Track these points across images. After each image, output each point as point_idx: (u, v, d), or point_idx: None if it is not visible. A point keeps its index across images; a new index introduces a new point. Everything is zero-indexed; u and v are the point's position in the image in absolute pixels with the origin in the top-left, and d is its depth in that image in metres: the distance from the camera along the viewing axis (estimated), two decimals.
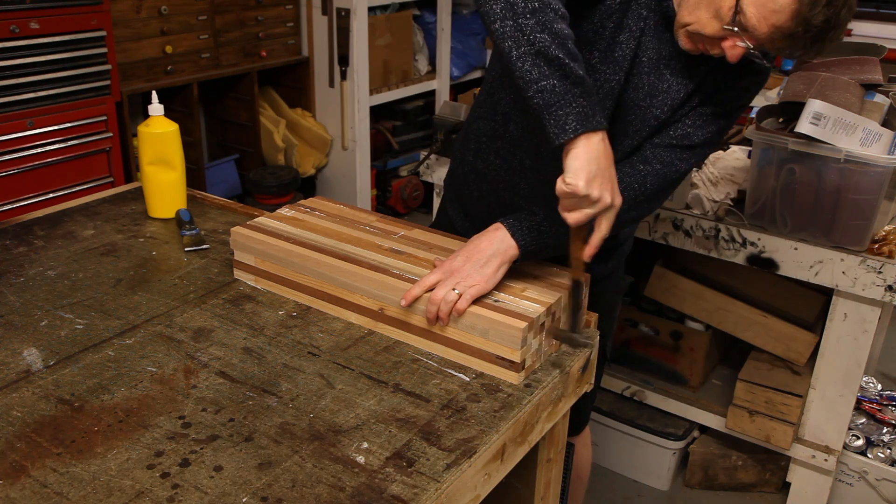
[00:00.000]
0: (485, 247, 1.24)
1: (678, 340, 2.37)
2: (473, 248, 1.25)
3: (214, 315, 1.33)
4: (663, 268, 2.33)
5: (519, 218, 1.27)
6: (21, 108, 2.53)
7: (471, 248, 1.25)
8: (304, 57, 3.79)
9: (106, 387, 1.13)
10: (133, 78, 3.03)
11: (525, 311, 1.18)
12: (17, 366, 1.18)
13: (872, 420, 2.37)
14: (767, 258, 2.02)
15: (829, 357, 2.06)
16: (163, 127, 1.68)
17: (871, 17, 4.04)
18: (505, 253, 1.23)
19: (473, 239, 1.27)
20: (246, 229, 1.43)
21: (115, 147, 2.82)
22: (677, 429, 2.45)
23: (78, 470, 0.97)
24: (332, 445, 1.03)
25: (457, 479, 0.99)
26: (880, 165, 1.78)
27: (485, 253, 1.23)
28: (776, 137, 1.89)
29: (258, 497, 0.93)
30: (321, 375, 1.17)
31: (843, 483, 2.29)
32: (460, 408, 1.11)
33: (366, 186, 3.93)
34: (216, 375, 1.17)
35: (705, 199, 2.10)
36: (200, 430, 1.05)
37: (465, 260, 1.23)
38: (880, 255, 1.90)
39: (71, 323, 1.30)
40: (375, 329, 1.30)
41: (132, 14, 2.97)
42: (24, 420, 1.06)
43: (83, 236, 1.62)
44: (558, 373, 1.21)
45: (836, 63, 1.99)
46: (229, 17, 3.38)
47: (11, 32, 2.44)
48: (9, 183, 2.54)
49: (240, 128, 3.72)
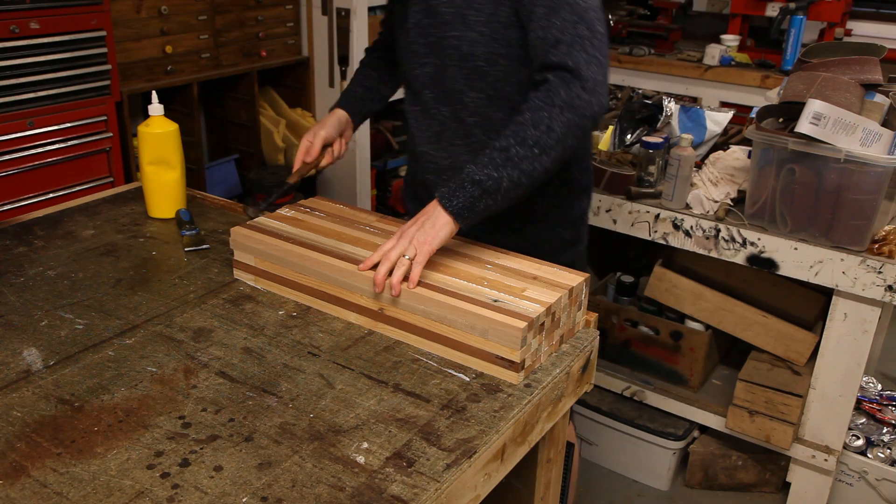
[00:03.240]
0: (429, 209, 1.31)
1: (678, 340, 2.37)
2: (424, 210, 1.32)
3: (214, 315, 1.33)
4: (663, 268, 2.33)
5: (447, 184, 1.32)
6: (21, 108, 2.53)
7: (421, 216, 1.31)
8: (304, 57, 3.79)
9: (106, 387, 1.13)
10: (133, 78, 3.02)
11: (525, 311, 1.18)
12: (17, 366, 1.18)
13: (872, 420, 2.37)
14: (767, 258, 2.02)
15: (829, 357, 2.06)
16: (163, 127, 1.68)
17: (871, 17, 4.04)
18: (444, 215, 1.29)
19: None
20: (246, 229, 1.43)
21: (115, 147, 2.82)
22: (677, 429, 2.45)
23: (78, 470, 0.97)
24: (332, 445, 1.03)
25: (457, 479, 0.99)
26: (880, 165, 1.78)
27: (429, 215, 1.30)
28: (776, 137, 1.89)
29: (258, 497, 0.93)
30: (321, 375, 1.17)
31: (843, 483, 2.29)
32: (460, 408, 1.11)
33: (366, 186, 3.93)
34: (216, 375, 1.17)
35: (705, 199, 2.10)
36: (200, 430, 1.05)
37: (414, 224, 1.30)
38: (880, 255, 1.90)
39: (71, 323, 1.30)
40: (375, 329, 1.30)
41: (132, 14, 2.97)
42: (24, 420, 1.06)
43: (83, 236, 1.62)
44: (558, 373, 1.21)
45: (836, 63, 1.99)
46: (229, 17, 3.38)
47: (11, 32, 2.44)
48: (9, 183, 2.54)
49: (240, 128, 3.72)
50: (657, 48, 3.99)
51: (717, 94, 3.62)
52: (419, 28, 1.49)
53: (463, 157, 1.54)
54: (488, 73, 1.45)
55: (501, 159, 1.28)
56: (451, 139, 1.55)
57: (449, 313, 1.20)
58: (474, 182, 1.27)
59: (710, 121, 2.28)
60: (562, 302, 1.24)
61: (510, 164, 1.27)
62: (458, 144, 1.55)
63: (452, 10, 1.42)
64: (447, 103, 1.52)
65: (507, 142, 1.29)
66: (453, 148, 1.56)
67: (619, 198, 2.21)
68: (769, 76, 3.47)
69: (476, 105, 1.49)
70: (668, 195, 2.13)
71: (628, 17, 4.22)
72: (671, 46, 4.04)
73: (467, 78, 1.47)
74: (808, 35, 3.70)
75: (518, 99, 1.44)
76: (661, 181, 2.18)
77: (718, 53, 3.63)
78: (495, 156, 1.28)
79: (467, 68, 1.45)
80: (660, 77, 3.77)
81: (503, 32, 1.40)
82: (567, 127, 1.29)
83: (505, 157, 1.27)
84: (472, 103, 1.49)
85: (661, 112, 2.27)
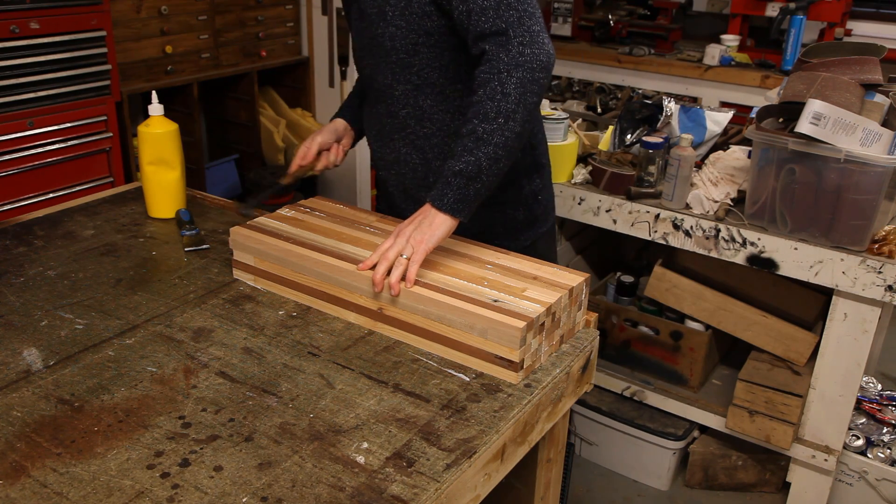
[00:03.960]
0: (425, 210, 1.32)
1: (678, 340, 2.37)
2: (419, 214, 1.33)
3: (214, 315, 1.33)
4: (663, 268, 2.33)
5: (436, 187, 1.33)
6: (21, 108, 2.53)
7: (418, 215, 1.33)
8: (304, 57, 3.79)
9: (106, 387, 1.13)
10: (133, 78, 3.02)
11: (524, 311, 1.18)
12: (17, 366, 1.18)
13: (872, 420, 2.37)
14: (767, 258, 2.02)
15: (829, 357, 2.06)
16: (163, 127, 1.68)
17: (871, 17, 4.04)
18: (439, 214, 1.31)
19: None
20: (245, 229, 1.43)
21: (115, 147, 2.82)
22: (677, 429, 2.45)
23: (78, 470, 0.97)
24: (332, 445, 1.03)
25: (457, 479, 0.99)
26: (880, 165, 1.78)
27: (425, 214, 1.32)
28: (776, 137, 1.89)
29: (258, 497, 0.93)
30: (321, 375, 1.17)
31: (843, 483, 2.29)
32: (460, 408, 1.11)
33: (366, 186, 3.93)
34: (216, 375, 1.17)
35: (705, 199, 2.10)
36: (200, 430, 1.05)
37: (411, 224, 1.31)
38: (880, 255, 1.90)
39: (71, 323, 1.30)
40: (375, 329, 1.30)
41: (132, 14, 2.97)
42: (24, 420, 1.06)
43: (83, 236, 1.62)
44: (558, 373, 1.21)
45: (836, 63, 1.99)
46: (229, 17, 3.38)
47: (11, 32, 2.44)
48: (9, 183, 2.54)
49: (240, 128, 3.72)
50: (657, 48, 3.99)
51: (717, 94, 3.62)
52: (357, 32, 1.56)
53: (403, 150, 1.59)
54: (412, 64, 1.48)
55: (472, 141, 1.30)
56: (390, 133, 1.59)
57: (448, 313, 1.20)
58: (455, 173, 1.30)
59: (710, 121, 2.28)
60: (562, 302, 1.24)
61: (482, 144, 1.30)
62: (397, 138, 1.59)
63: (375, 10, 1.47)
64: (382, 100, 1.57)
65: (471, 124, 1.31)
66: (393, 142, 1.60)
67: (619, 198, 2.21)
68: (769, 76, 3.47)
69: (406, 97, 1.53)
70: (668, 195, 2.13)
71: (628, 17, 4.22)
72: (671, 46, 4.05)
73: (393, 72, 1.51)
74: (808, 35, 3.70)
75: (444, 83, 1.49)
76: (661, 181, 2.18)
77: (718, 53, 3.63)
78: (465, 141, 1.31)
79: (392, 62, 1.49)
80: (660, 77, 3.77)
81: (418, 22, 1.43)
82: (521, 86, 1.31)
83: (475, 139, 1.30)
84: (402, 95, 1.53)
85: (661, 112, 2.27)
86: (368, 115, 1.65)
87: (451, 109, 1.52)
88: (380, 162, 1.68)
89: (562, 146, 2.24)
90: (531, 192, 1.66)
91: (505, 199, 1.62)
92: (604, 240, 2.77)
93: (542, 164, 1.69)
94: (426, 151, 1.56)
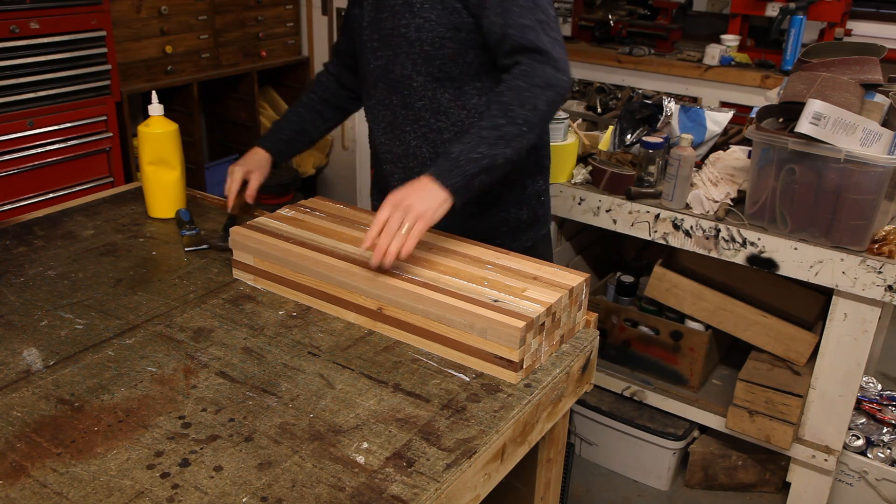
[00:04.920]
0: (422, 183, 1.30)
1: (678, 340, 2.37)
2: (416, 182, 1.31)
3: (214, 315, 1.33)
4: (663, 268, 2.33)
5: (436, 164, 1.33)
6: (21, 108, 2.53)
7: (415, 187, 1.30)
8: (304, 57, 3.79)
9: (106, 387, 1.13)
10: (133, 78, 3.03)
11: (524, 310, 1.18)
12: (17, 366, 1.18)
13: (872, 420, 2.37)
14: (767, 258, 2.02)
15: (829, 357, 2.06)
16: (163, 127, 1.68)
17: (871, 17, 4.03)
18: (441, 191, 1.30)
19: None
20: (245, 229, 1.43)
21: (115, 147, 2.82)
22: (677, 429, 2.45)
23: (78, 470, 0.97)
24: (332, 445, 1.03)
25: (457, 479, 0.99)
26: (880, 165, 1.78)
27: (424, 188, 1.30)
28: (776, 137, 1.89)
29: (258, 497, 0.93)
30: (321, 375, 1.17)
31: (843, 483, 2.29)
32: (460, 408, 1.11)
33: (366, 186, 3.93)
34: (216, 375, 1.17)
35: (705, 199, 2.10)
36: (200, 430, 1.05)
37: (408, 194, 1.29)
38: (880, 255, 1.90)
39: (71, 323, 1.30)
40: (375, 329, 1.30)
41: (132, 14, 2.97)
42: (24, 420, 1.06)
43: (83, 236, 1.62)
44: (558, 373, 1.21)
45: (836, 63, 1.99)
46: (229, 17, 3.38)
47: (11, 32, 2.44)
48: (9, 183, 2.54)
49: (240, 128, 3.72)
50: (657, 48, 3.98)
51: (717, 94, 3.61)
52: (372, 24, 1.56)
53: (414, 143, 1.60)
54: (435, 56, 1.50)
55: (495, 137, 1.32)
56: (402, 126, 1.60)
57: (448, 313, 1.20)
58: (471, 160, 1.31)
59: (710, 121, 2.28)
60: (562, 302, 1.24)
61: (503, 143, 1.33)
62: (409, 130, 1.59)
63: (400, 1, 1.49)
64: (397, 91, 1.57)
65: (496, 121, 1.33)
66: (405, 135, 1.60)
67: (619, 198, 2.21)
68: (769, 76, 3.47)
69: (424, 88, 1.54)
70: (668, 195, 2.13)
71: (628, 17, 4.22)
72: (671, 46, 4.04)
73: (414, 62, 1.52)
74: (808, 35, 3.70)
75: (464, 79, 1.52)
76: (661, 181, 2.18)
77: (718, 53, 3.62)
78: (486, 134, 1.32)
79: (415, 53, 1.51)
80: (660, 77, 3.76)
81: (449, 17, 1.46)
82: (549, 105, 1.38)
83: (499, 136, 1.32)
84: (420, 87, 1.54)
85: (661, 112, 2.27)
86: (377, 106, 1.64)
87: (467, 106, 1.54)
88: (386, 155, 1.67)
89: (562, 146, 2.24)
90: (534, 193, 1.68)
91: (510, 199, 1.64)
92: (604, 240, 2.77)
93: (545, 166, 1.72)
94: (438, 146, 1.57)
